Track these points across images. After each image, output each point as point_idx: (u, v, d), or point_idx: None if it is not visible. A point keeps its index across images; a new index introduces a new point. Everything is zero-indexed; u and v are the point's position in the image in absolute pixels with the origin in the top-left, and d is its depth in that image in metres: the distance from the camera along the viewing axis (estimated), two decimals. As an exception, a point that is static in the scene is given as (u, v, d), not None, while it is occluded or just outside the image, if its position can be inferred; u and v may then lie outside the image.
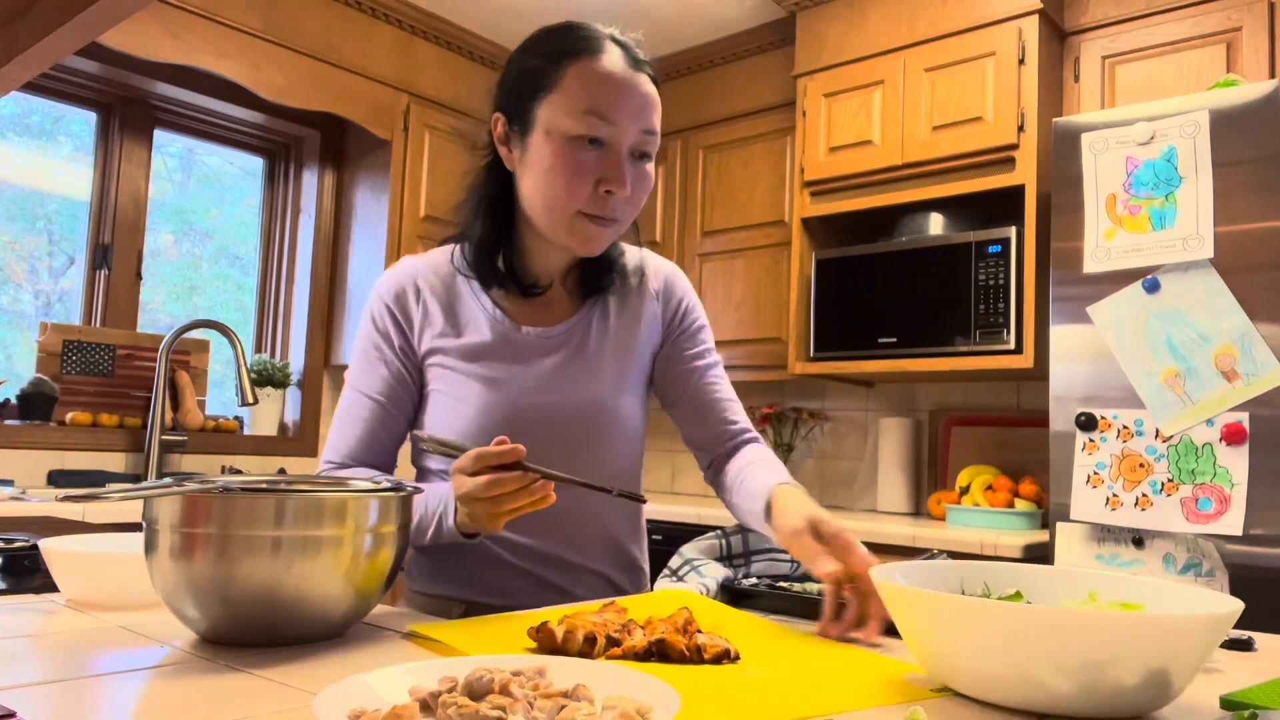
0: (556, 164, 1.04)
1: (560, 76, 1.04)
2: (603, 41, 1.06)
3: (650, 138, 1.07)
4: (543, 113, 1.05)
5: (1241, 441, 1.94)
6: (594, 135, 1.03)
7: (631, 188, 1.06)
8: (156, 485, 0.75)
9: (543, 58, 1.06)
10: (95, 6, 0.63)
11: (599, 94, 1.03)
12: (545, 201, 1.06)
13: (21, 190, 2.90)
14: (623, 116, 1.03)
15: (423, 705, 0.57)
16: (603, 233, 1.08)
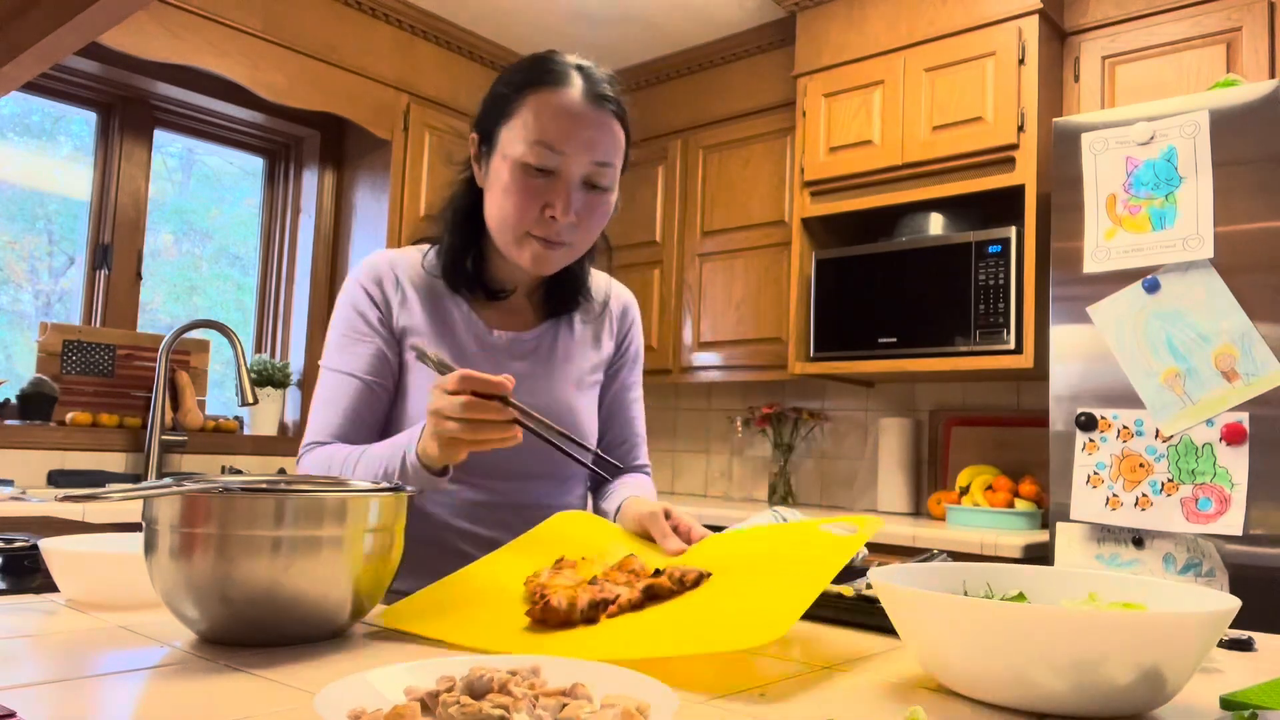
0: (509, 186, 1.11)
1: (519, 106, 1.11)
2: (567, 75, 1.11)
3: (603, 169, 1.12)
4: (503, 137, 1.12)
5: (1241, 441, 1.94)
6: (541, 165, 1.09)
7: (579, 214, 1.12)
8: (156, 485, 0.75)
9: (509, 86, 1.13)
10: (95, 6, 0.63)
11: (549, 126, 1.09)
12: (498, 220, 1.14)
13: (21, 190, 2.90)
14: (571, 148, 1.09)
15: (423, 705, 0.57)
16: (550, 255, 1.14)
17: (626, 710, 0.54)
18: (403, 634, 0.84)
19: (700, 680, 0.71)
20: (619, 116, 1.14)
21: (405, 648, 0.79)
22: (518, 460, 1.18)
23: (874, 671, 0.76)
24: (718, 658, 0.79)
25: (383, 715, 0.53)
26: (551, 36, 3.48)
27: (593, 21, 3.36)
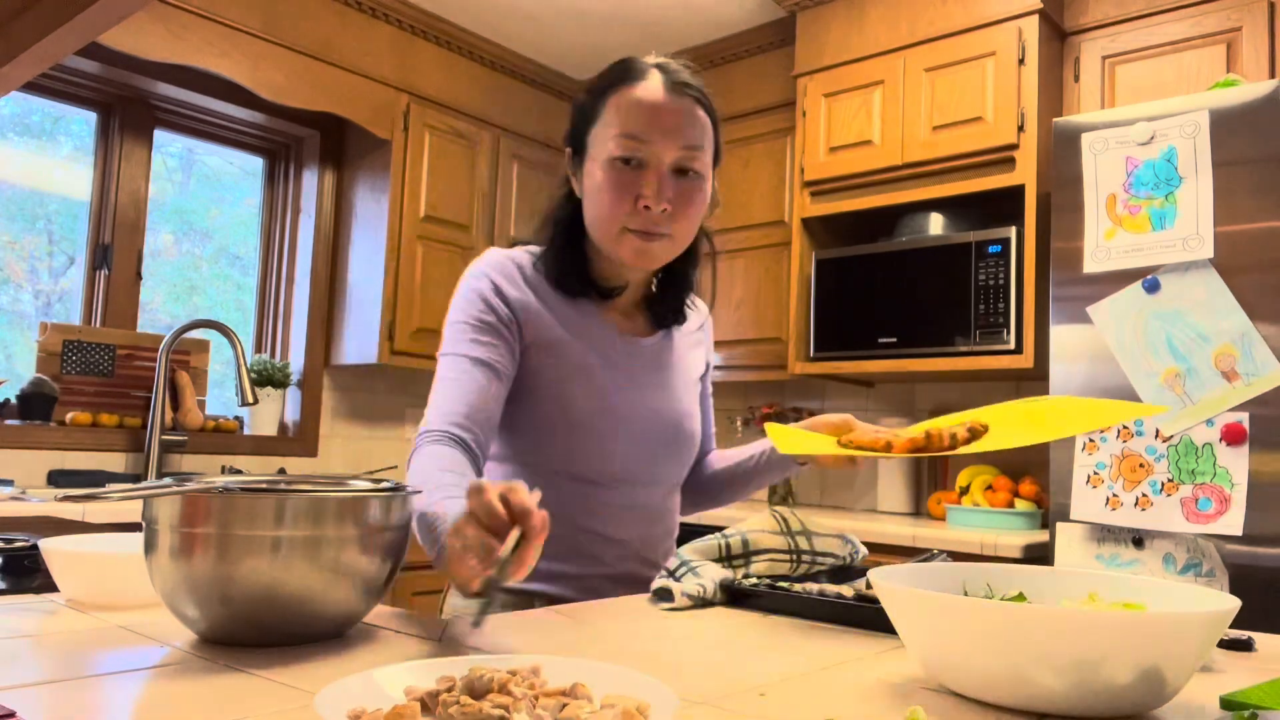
0: (602, 184, 1.13)
1: (602, 107, 1.15)
2: (645, 71, 1.15)
3: (692, 152, 1.13)
4: (591, 140, 1.16)
5: (1241, 441, 1.94)
6: (628, 155, 1.12)
7: (672, 202, 1.13)
8: (156, 485, 0.75)
9: (591, 94, 1.18)
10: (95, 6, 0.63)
11: (631, 118, 1.12)
12: (595, 219, 1.16)
13: (21, 190, 2.90)
14: (655, 136, 1.11)
15: (423, 705, 0.57)
16: (650, 247, 1.14)
17: (626, 710, 0.54)
18: (403, 634, 0.84)
19: (700, 680, 0.71)
20: (701, 102, 1.15)
21: (405, 648, 0.79)
22: (653, 467, 1.23)
23: (874, 671, 0.76)
24: (718, 657, 0.79)
25: (383, 715, 0.53)
26: (552, 36, 3.48)
27: (593, 21, 3.36)
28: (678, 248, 1.18)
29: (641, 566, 1.23)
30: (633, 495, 1.21)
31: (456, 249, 3.38)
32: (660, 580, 1.08)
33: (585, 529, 1.18)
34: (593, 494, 1.18)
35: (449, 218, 3.35)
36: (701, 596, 1.04)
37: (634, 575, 1.22)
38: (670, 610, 1.02)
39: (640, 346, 1.25)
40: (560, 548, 1.15)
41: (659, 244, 1.15)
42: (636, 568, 1.23)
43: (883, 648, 0.86)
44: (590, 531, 1.19)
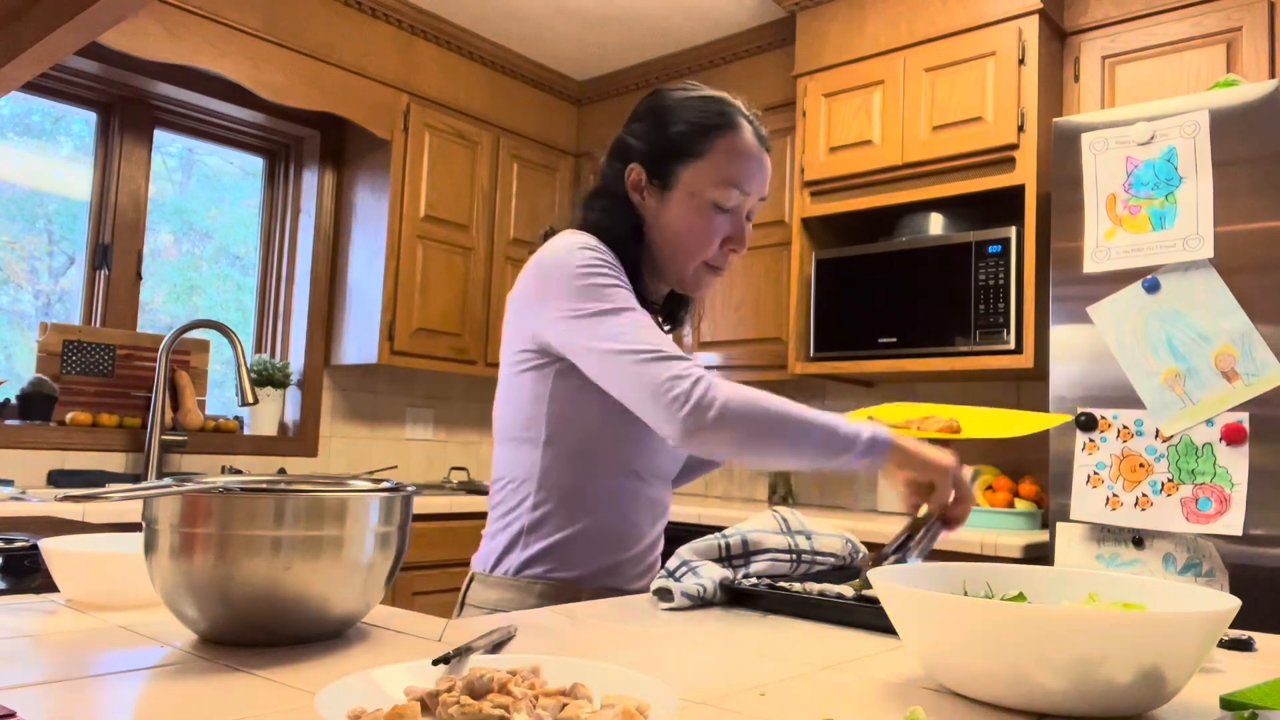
0: (695, 223, 1.21)
1: (709, 147, 1.21)
2: (739, 116, 1.23)
3: (762, 204, 1.28)
4: (688, 177, 1.21)
5: (1241, 441, 1.94)
6: (730, 204, 1.21)
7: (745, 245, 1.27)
8: (156, 485, 0.75)
9: (690, 126, 1.22)
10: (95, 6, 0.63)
11: (741, 169, 1.21)
12: (678, 251, 1.23)
13: (21, 190, 2.90)
14: (752, 188, 1.23)
15: (423, 705, 0.57)
16: (715, 280, 1.27)
17: (626, 710, 0.54)
18: (403, 634, 0.84)
19: (700, 680, 0.71)
20: (768, 152, 1.27)
21: (405, 648, 0.79)
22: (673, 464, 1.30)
23: (874, 671, 0.76)
24: (718, 657, 0.79)
25: (383, 715, 0.53)
26: (552, 36, 3.48)
27: (593, 21, 3.36)
28: None
29: (655, 560, 1.31)
30: (658, 489, 1.28)
31: (456, 249, 3.38)
32: (660, 580, 1.08)
33: (624, 517, 1.23)
34: (639, 489, 1.24)
35: (449, 218, 3.35)
36: (701, 596, 1.05)
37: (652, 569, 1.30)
38: (670, 610, 1.02)
39: None
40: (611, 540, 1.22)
41: (718, 277, 1.27)
42: (655, 561, 1.31)
43: (883, 648, 0.86)
44: (629, 521, 1.24)
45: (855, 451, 1.06)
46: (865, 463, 1.08)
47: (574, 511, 1.20)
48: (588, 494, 1.21)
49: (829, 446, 1.06)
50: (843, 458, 1.07)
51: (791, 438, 1.06)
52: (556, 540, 1.20)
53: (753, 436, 1.05)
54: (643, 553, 1.27)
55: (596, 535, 1.21)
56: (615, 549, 1.23)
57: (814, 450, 1.06)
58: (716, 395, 1.05)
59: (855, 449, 1.06)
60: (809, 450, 1.06)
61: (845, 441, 1.07)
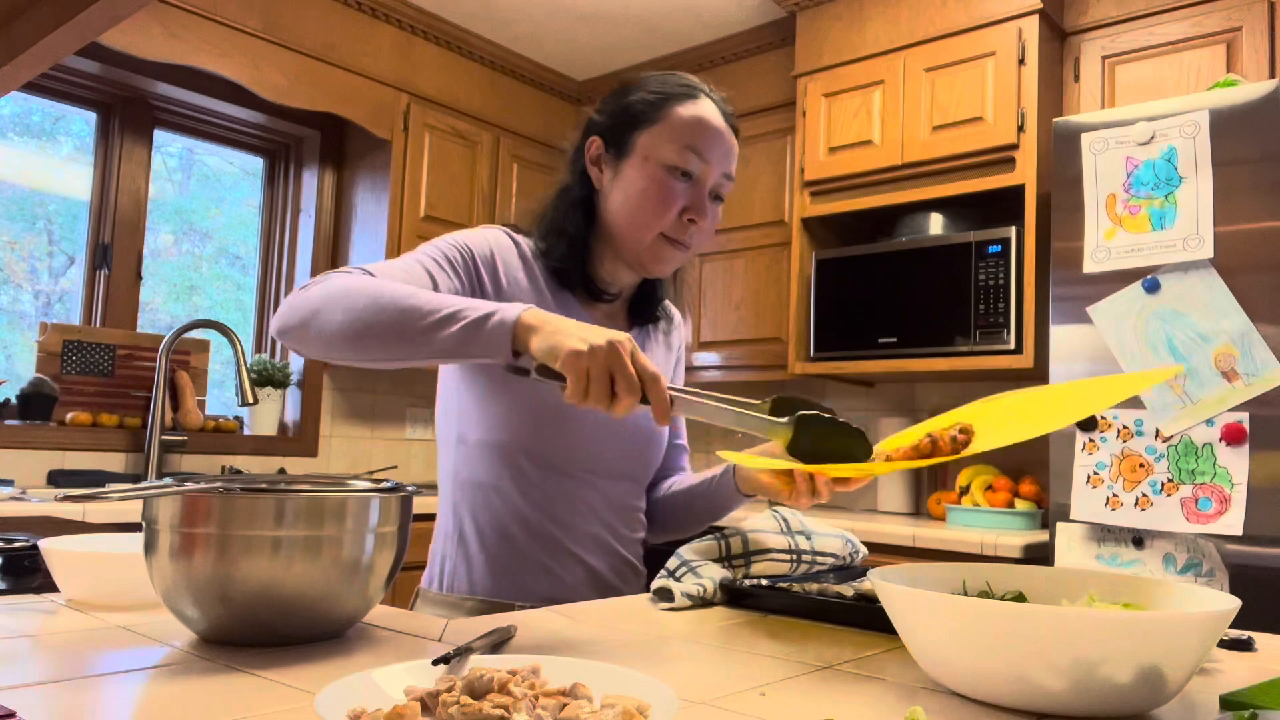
0: (650, 188, 1.15)
1: (665, 112, 1.16)
2: (702, 91, 1.19)
3: (727, 182, 1.20)
4: (643, 141, 1.16)
5: (1241, 441, 1.94)
6: (687, 168, 1.15)
7: (708, 219, 1.18)
8: (156, 485, 0.75)
9: (651, 94, 1.18)
10: (95, 6, 0.63)
11: (698, 133, 1.15)
12: (632, 220, 1.17)
13: (21, 190, 2.90)
14: (713, 157, 1.16)
15: (423, 705, 0.57)
16: (675, 256, 1.19)
17: (626, 710, 0.54)
18: (403, 634, 0.84)
19: (700, 680, 0.71)
20: (738, 135, 1.22)
21: (405, 648, 0.79)
22: (619, 460, 1.21)
23: (874, 671, 0.76)
24: (718, 657, 0.79)
25: (383, 715, 0.53)
26: (552, 36, 3.48)
27: (593, 21, 3.36)
28: (685, 260, 1.23)
29: (610, 560, 1.22)
30: (597, 487, 1.20)
31: (456, 249, 3.38)
32: (660, 580, 1.08)
33: (552, 518, 1.17)
34: (558, 482, 1.17)
35: (449, 218, 3.34)
36: (701, 596, 1.05)
37: (601, 574, 1.20)
38: (670, 610, 1.02)
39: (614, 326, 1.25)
40: (530, 541, 1.16)
41: (681, 254, 1.19)
42: (604, 563, 1.21)
43: (883, 648, 0.86)
44: (558, 522, 1.17)
45: (460, 331, 0.88)
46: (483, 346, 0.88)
47: (493, 514, 1.16)
48: (506, 493, 1.16)
49: (427, 329, 0.90)
50: (446, 341, 0.89)
51: (381, 309, 0.91)
52: (475, 550, 1.17)
53: (331, 306, 0.93)
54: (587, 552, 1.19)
55: (515, 534, 1.16)
56: (546, 553, 1.16)
57: (406, 334, 0.90)
58: (322, 280, 0.98)
59: (460, 327, 0.88)
60: (399, 333, 0.90)
61: (449, 320, 0.89)
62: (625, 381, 0.83)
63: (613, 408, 0.84)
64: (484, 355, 0.89)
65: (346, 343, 0.93)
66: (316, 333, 0.95)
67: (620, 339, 0.84)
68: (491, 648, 0.75)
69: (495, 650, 0.76)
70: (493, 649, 0.75)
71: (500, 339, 0.87)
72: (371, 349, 0.93)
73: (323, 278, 1.00)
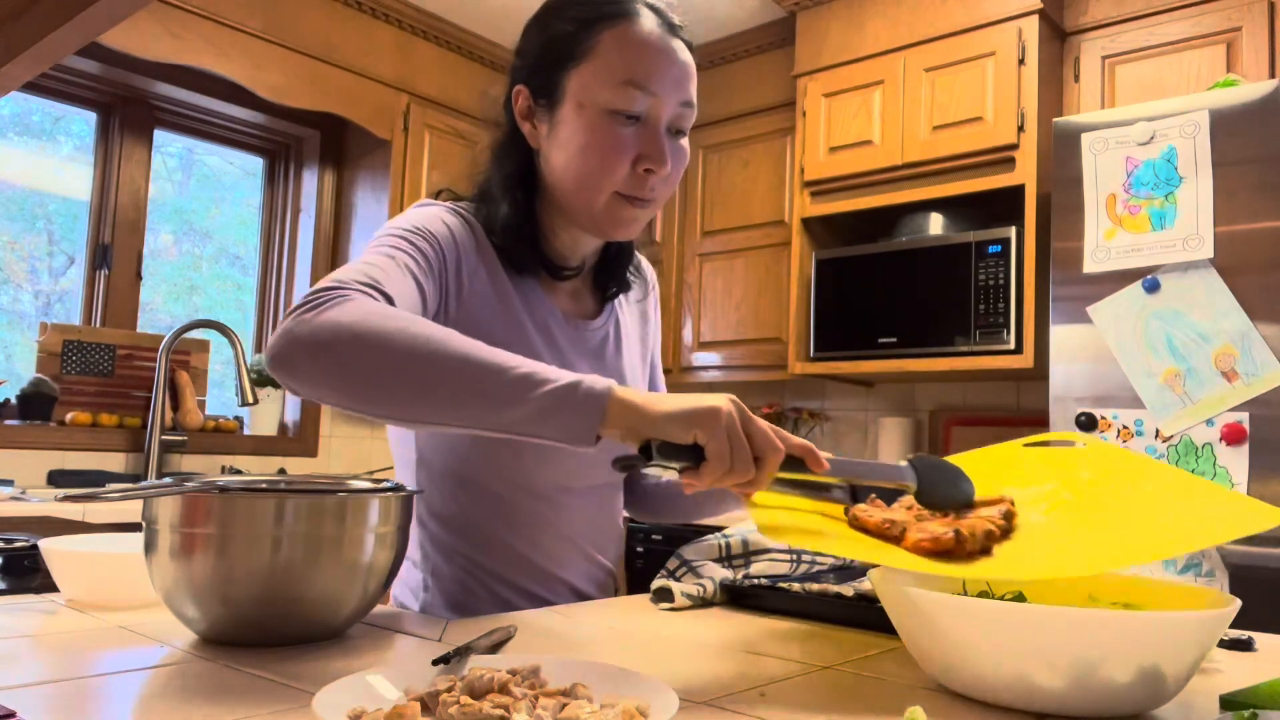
0: (591, 140, 0.95)
1: (594, 43, 0.95)
2: (635, 4, 0.97)
3: (688, 110, 0.99)
4: (574, 84, 0.96)
5: (1241, 441, 1.94)
6: (631, 110, 0.94)
7: (670, 165, 0.97)
8: (156, 485, 0.75)
9: (572, 22, 0.98)
10: (95, 6, 0.63)
11: (637, 62, 0.94)
12: (578, 181, 0.97)
13: (21, 190, 2.90)
14: (662, 87, 0.95)
15: (423, 705, 0.57)
16: (639, 215, 0.99)
17: (627, 710, 0.54)
18: (403, 634, 0.84)
19: (700, 680, 0.71)
20: (691, 49, 1.00)
21: (405, 648, 0.79)
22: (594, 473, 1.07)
23: (874, 671, 0.76)
24: (718, 657, 0.79)
25: (383, 715, 0.53)
26: (551, 36, 3.48)
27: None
28: (653, 215, 1.02)
29: (589, 570, 1.12)
30: (571, 504, 1.08)
31: (456, 249, 3.38)
32: (660, 580, 1.08)
33: (529, 540, 1.05)
34: (530, 504, 1.04)
35: (449, 218, 3.34)
36: (701, 596, 1.04)
37: (578, 588, 1.11)
38: (670, 610, 1.02)
39: (587, 333, 1.08)
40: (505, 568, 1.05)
41: (645, 212, 0.99)
42: (583, 575, 1.11)
43: (883, 648, 0.86)
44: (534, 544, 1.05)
45: (534, 403, 0.72)
46: (561, 427, 0.72)
47: (459, 535, 1.04)
48: (473, 525, 1.03)
49: (488, 392, 0.72)
50: (514, 413, 0.72)
51: (422, 368, 0.73)
52: (445, 574, 1.04)
53: (356, 357, 0.75)
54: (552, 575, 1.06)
55: (484, 562, 1.04)
56: (525, 578, 1.05)
57: (458, 395, 0.73)
58: (338, 304, 0.79)
59: (534, 398, 0.72)
60: (450, 393, 0.73)
61: (520, 386, 0.72)
62: (763, 439, 0.71)
63: (758, 476, 0.72)
64: (559, 437, 0.73)
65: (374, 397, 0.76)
66: (331, 378, 0.78)
67: (730, 398, 0.72)
68: (491, 648, 0.75)
69: (495, 650, 0.76)
70: (493, 649, 0.75)
71: (590, 414, 0.72)
72: (407, 409, 0.76)
73: (328, 301, 0.81)
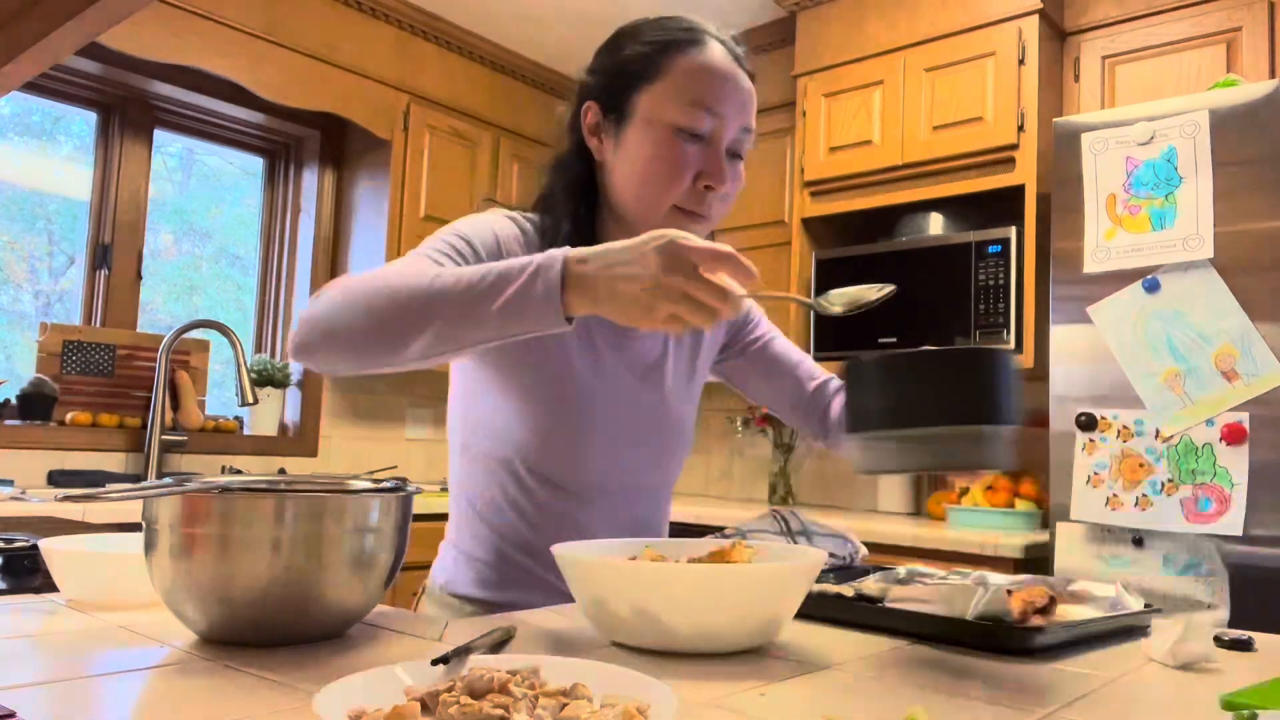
0: (657, 155, 1.02)
1: (665, 66, 1.02)
2: (705, 34, 1.05)
3: (748, 135, 1.06)
4: (644, 102, 1.03)
5: (1241, 441, 1.94)
6: (697, 129, 1.01)
7: (729, 184, 1.04)
8: (156, 485, 0.75)
9: (647, 45, 1.04)
10: (95, 6, 0.63)
11: (705, 85, 1.02)
12: (640, 193, 1.04)
13: (21, 190, 2.90)
14: (727, 110, 1.03)
15: (423, 705, 0.57)
16: (695, 229, 1.04)
17: (626, 710, 0.54)
18: (403, 634, 0.84)
19: (700, 680, 0.71)
20: (753, 79, 1.08)
21: (405, 648, 0.79)
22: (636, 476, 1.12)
23: (874, 671, 0.76)
24: (718, 658, 0.79)
25: (383, 715, 0.53)
26: (551, 36, 3.48)
27: (593, 22, 3.36)
28: (708, 231, 1.10)
29: None
30: (610, 505, 1.12)
31: (456, 249, 3.38)
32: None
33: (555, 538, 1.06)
34: (565, 502, 1.09)
35: (449, 218, 3.30)
36: None
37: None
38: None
39: (633, 337, 1.13)
40: (530, 560, 1.09)
41: (701, 226, 1.06)
42: None
43: (883, 648, 0.86)
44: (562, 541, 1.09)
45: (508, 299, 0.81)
46: (534, 321, 0.81)
47: (488, 525, 1.10)
48: (506, 510, 1.09)
49: (470, 314, 0.82)
50: (495, 326, 0.82)
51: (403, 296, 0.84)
52: (475, 556, 1.12)
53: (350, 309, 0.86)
54: None
55: (511, 553, 1.10)
56: (549, 571, 1.08)
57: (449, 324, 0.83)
58: (330, 284, 0.92)
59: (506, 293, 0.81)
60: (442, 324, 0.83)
61: (489, 298, 0.81)
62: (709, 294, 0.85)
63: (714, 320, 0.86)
64: (537, 329, 0.82)
65: (376, 344, 0.86)
66: (341, 342, 0.87)
67: (673, 244, 0.82)
68: (491, 648, 0.75)
69: (495, 650, 0.76)
70: (493, 649, 0.75)
71: (552, 303, 0.80)
72: (406, 343, 0.85)
73: (328, 286, 0.93)
